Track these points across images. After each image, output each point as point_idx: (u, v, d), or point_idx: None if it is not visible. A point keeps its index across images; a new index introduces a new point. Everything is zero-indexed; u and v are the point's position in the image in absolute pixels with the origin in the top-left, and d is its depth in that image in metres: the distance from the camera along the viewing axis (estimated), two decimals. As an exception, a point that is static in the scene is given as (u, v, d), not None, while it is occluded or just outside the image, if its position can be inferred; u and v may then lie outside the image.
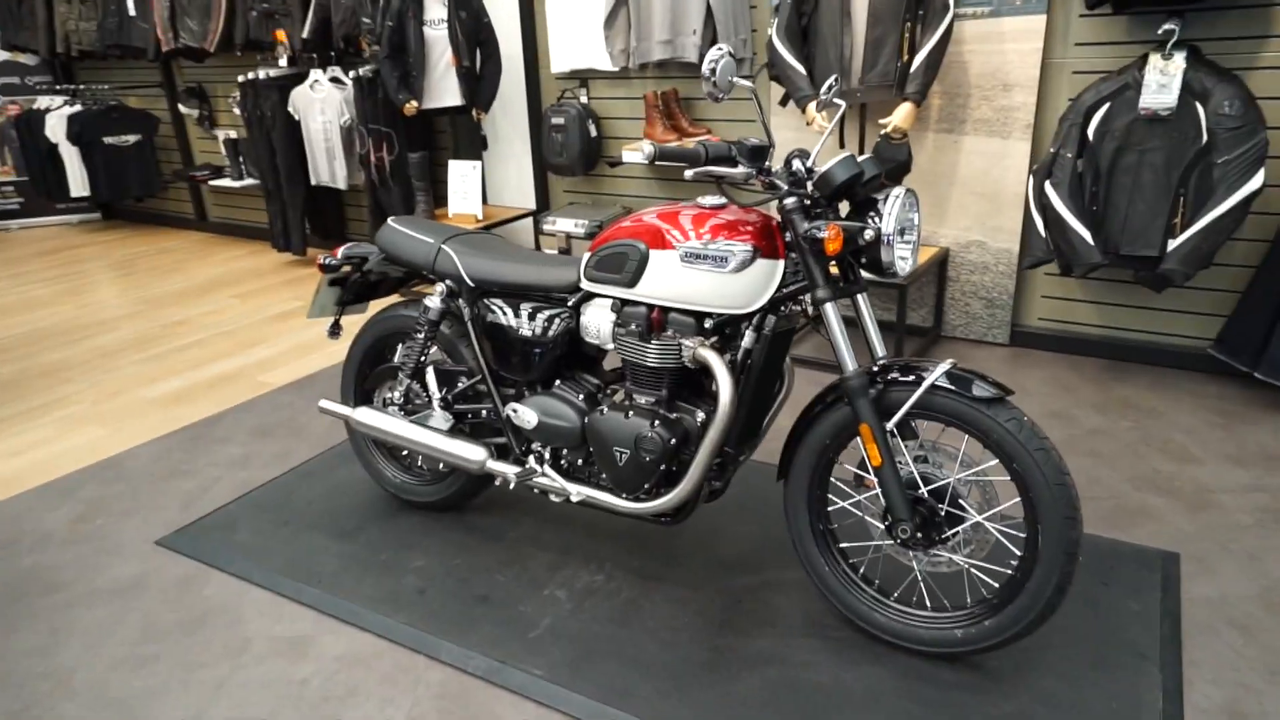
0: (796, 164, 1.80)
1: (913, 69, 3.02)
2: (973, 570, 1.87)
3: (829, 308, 1.77)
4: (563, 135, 4.19)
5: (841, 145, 3.56)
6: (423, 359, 2.29)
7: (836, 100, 2.04)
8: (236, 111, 5.40)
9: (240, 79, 5.03)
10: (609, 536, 2.34)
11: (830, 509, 1.92)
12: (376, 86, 4.53)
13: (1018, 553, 1.73)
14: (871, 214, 1.73)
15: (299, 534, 2.42)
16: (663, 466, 1.91)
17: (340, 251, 2.40)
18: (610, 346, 2.01)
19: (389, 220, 2.37)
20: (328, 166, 4.99)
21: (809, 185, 1.79)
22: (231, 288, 4.99)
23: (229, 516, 2.54)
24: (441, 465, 2.46)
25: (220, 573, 2.28)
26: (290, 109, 4.95)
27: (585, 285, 2.00)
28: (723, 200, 1.87)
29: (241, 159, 5.69)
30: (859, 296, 1.84)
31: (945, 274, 3.55)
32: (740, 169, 1.75)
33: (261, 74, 5.01)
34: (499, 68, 4.31)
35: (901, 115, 3.06)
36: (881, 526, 1.83)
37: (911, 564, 1.85)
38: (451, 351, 2.31)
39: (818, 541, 1.92)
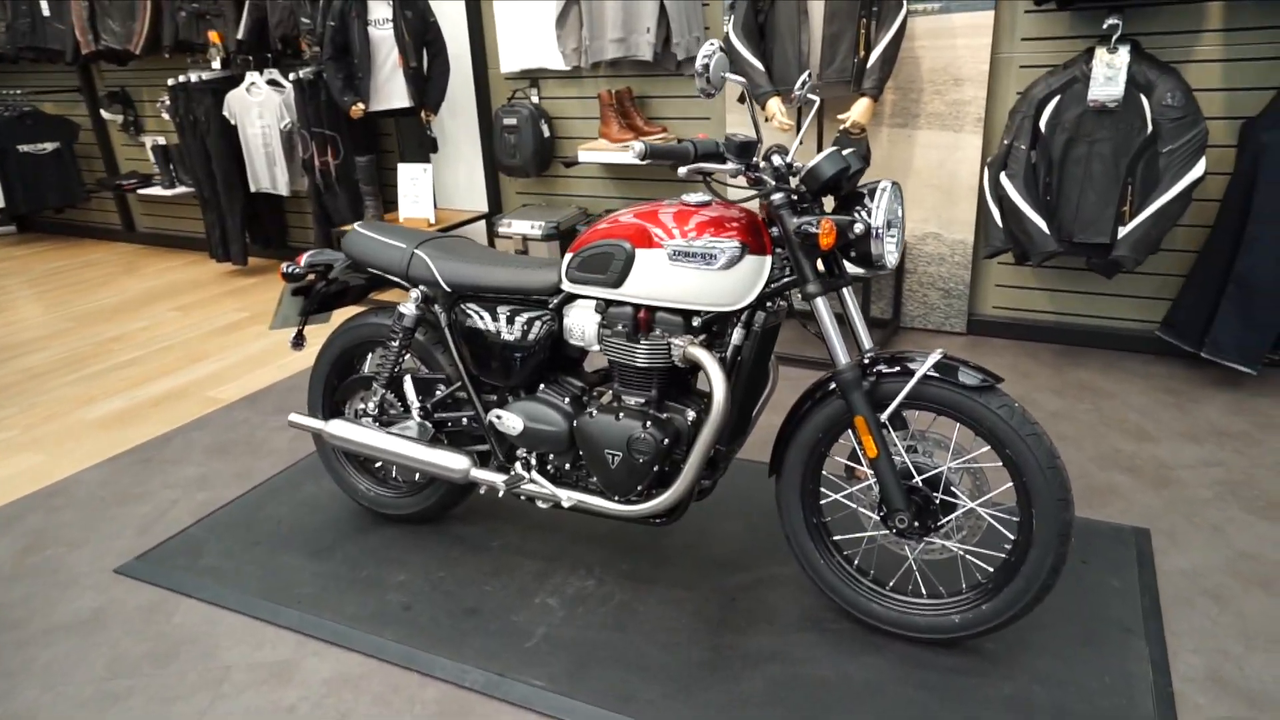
0: (776, 160, 1.80)
1: (869, 65, 3.06)
2: (967, 556, 1.90)
3: (819, 302, 1.78)
4: (515, 136, 4.13)
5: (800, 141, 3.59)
6: (397, 368, 2.22)
7: (811, 95, 2.05)
8: (165, 116, 5.19)
9: (170, 82, 4.83)
10: (595, 541, 2.31)
11: (823, 502, 1.93)
12: (319, 89, 4.39)
13: (1011, 536, 1.76)
14: (858, 208, 1.74)
15: (271, 554, 2.32)
16: (656, 467, 1.89)
17: (304, 259, 2.31)
18: (596, 348, 1.98)
19: (355, 225, 2.30)
20: (268, 172, 4.82)
21: (792, 180, 1.79)
22: (169, 301, 4.78)
23: (192, 540, 2.42)
24: (418, 476, 2.39)
25: (189, 599, 2.18)
26: (226, 113, 4.77)
27: (567, 287, 1.97)
28: (708, 197, 1.86)
29: (172, 166, 5.46)
30: (845, 290, 1.85)
31: (903, 266, 3.61)
32: (730, 165, 1.74)
33: (193, 77, 4.82)
34: (447, 68, 4.23)
35: (859, 110, 3.10)
36: (876, 517, 1.85)
37: (905, 553, 1.87)
38: (427, 359, 2.25)
39: (812, 535, 1.92)
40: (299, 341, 2.42)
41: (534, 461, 2.09)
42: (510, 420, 2.05)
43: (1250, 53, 2.93)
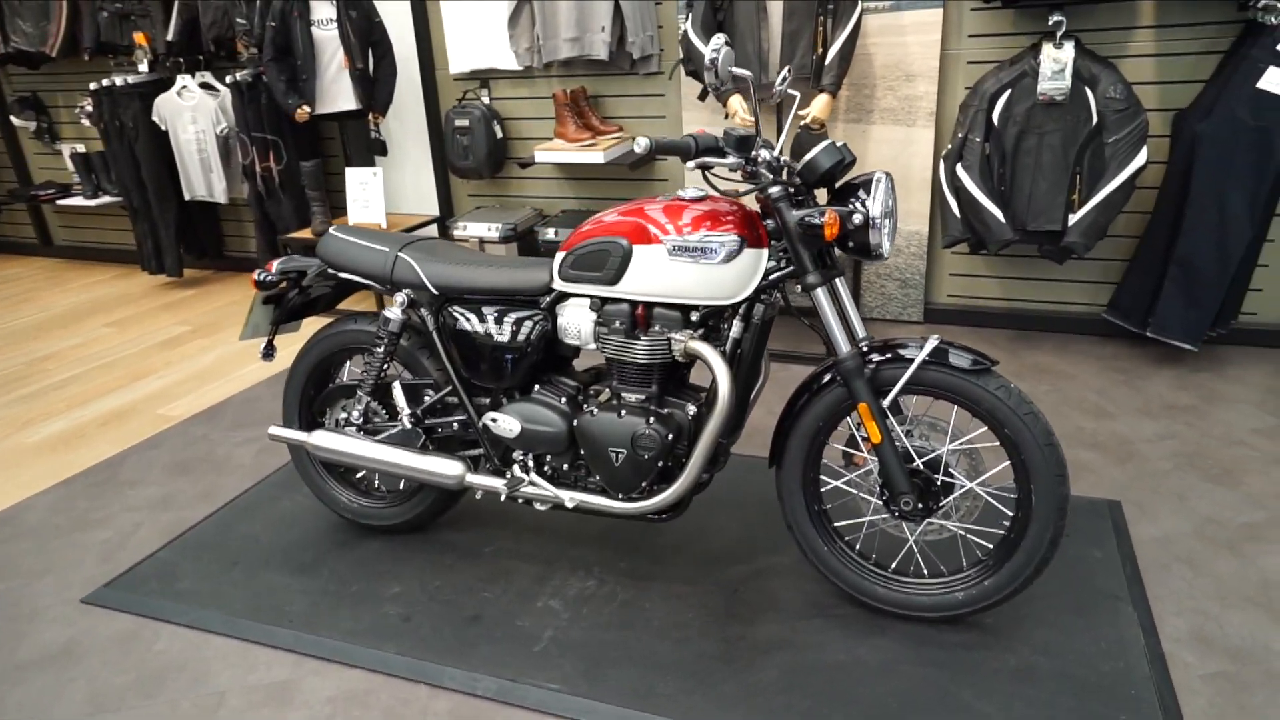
0: (765, 154, 1.82)
1: (827, 61, 3.12)
2: (967, 535, 1.96)
3: (820, 293, 1.81)
4: (468, 138, 4.07)
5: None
6: (382, 375, 2.17)
7: (791, 91, 2.08)
8: (86, 123, 4.93)
9: (93, 86, 4.59)
10: (590, 541, 2.30)
11: (823, 490, 1.96)
12: (259, 91, 4.25)
13: (1009, 513, 1.82)
14: (852, 199, 1.77)
15: (253, 574, 2.24)
16: (660, 463, 1.89)
17: (275, 266, 2.23)
18: (592, 346, 1.97)
19: (331, 229, 2.23)
20: (204, 179, 4.64)
21: (784, 173, 1.82)
22: (101, 316, 4.55)
23: (164, 564, 2.31)
24: (403, 484, 2.34)
25: (169, 625, 2.08)
26: (155, 118, 4.56)
27: (560, 286, 1.96)
28: (703, 192, 1.87)
29: (95, 174, 5.19)
30: (838, 281, 1.89)
31: (860, 258, 3.69)
32: (731, 159, 1.76)
33: (118, 80, 4.59)
34: (394, 69, 4.13)
35: (819, 107, 3.16)
36: (878, 501, 1.89)
37: (906, 535, 1.92)
38: (412, 365, 2.20)
39: (815, 523, 1.95)
40: (269, 352, 2.33)
41: (531, 463, 2.07)
42: (506, 423, 2.02)
43: (1179, 48, 3.10)
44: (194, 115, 4.52)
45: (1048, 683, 1.73)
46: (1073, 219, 3.02)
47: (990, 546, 1.87)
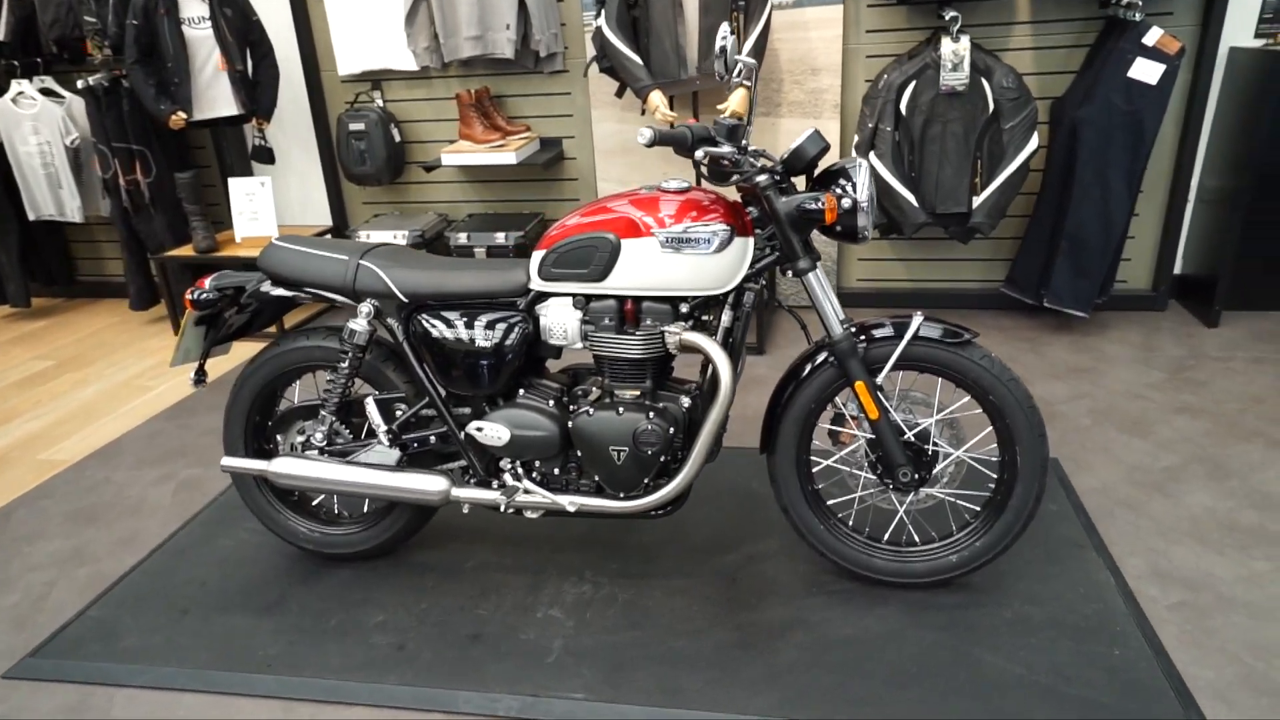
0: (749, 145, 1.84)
1: (743, 56, 3.19)
2: (958, 501, 2.06)
3: (811, 277, 1.85)
4: (364, 142, 3.88)
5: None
6: (347, 392, 2.03)
7: (746, 83, 2.12)
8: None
9: (-91, 96, 4.03)
10: (573, 546, 2.25)
11: (814, 470, 2.01)
12: (119, 97, 3.87)
13: (993, 476, 1.93)
14: (834, 185, 1.82)
15: (209, 621, 2.04)
16: (663, 458, 1.88)
17: (208, 283, 2.04)
18: (579, 346, 1.93)
19: (272, 241, 2.06)
20: (52, 197, 4.17)
21: (762, 161, 1.85)
22: (-62, 355, 4.01)
23: (98, 622, 2.07)
24: (367, 507, 2.20)
25: (123, 689, 1.86)
26: (-10, 130, 4.06)
27: (539, 286, 1.90)
28: (686, 183, 1.87)
29: (-88, 196, 4.55)
30: (818, 266, 1.94)
31: (774, 248, 3.80)
32: (727, 148, 1.77)
33: (-60, 89, 4.06)
34: (276, 70, 3.87)
35: (737, 100, 3.22)
36: (868, 477, 1.95)
37: (896, 507, 2.00)
38: (376, 379, 2.07)
39: (810, 504, 2.00)
40: (201, 378, 2.14)
41: (520, 471, 2.00)
42: (493, 431, 1.94)
43: (1052, 42, 3.39)
44: (35, 125, 4.06)
45: (1043, 630, 1.85)
46: (976, 201, 3.23)
47: (977, 509, 1.98)
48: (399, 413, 2.05)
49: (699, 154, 1.74)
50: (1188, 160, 3.39)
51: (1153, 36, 3.00)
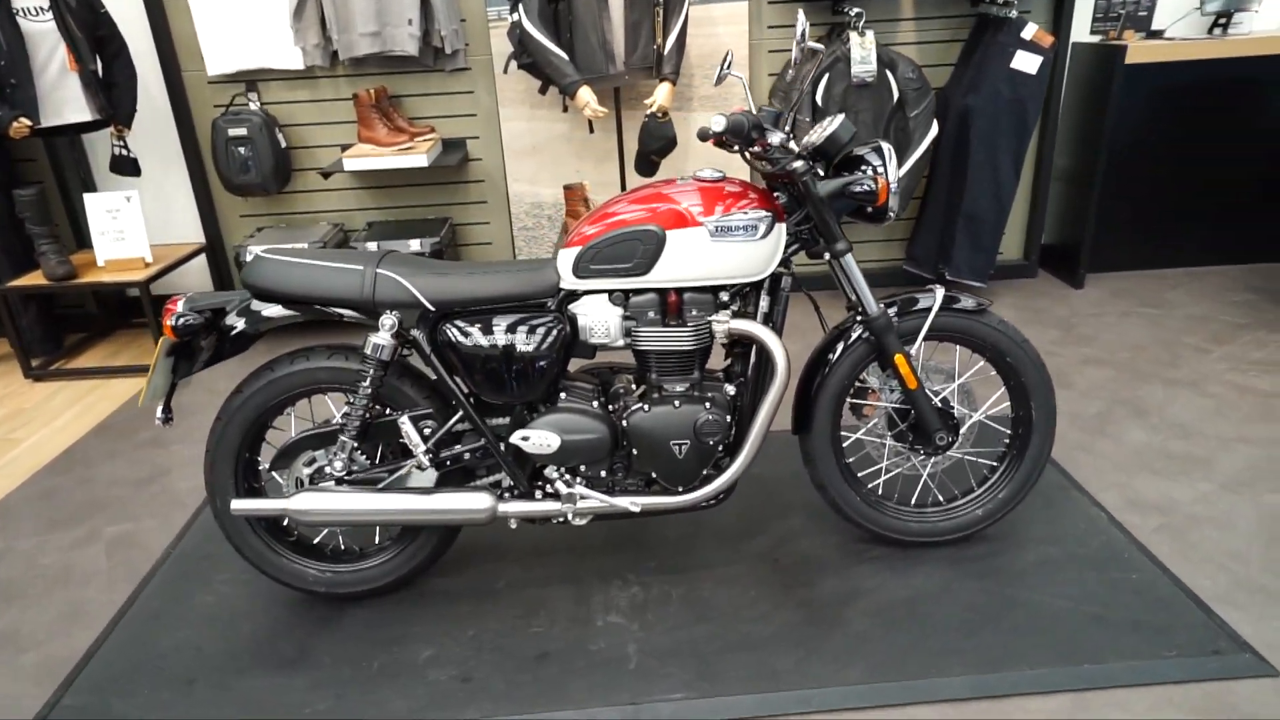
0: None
1: (666, 51, 3.23)
2: (978, 460, 2.20)
3: (850, 258, 1.92)
4: (247, 148, 3.53)
5: (592, 130, 3.64)
6: (369, 413, 1.86)
7: (736, 74, 2.16)
8: None
9: None
10: (598, 551, 2.18)
11: (844, 445, 2.09)
12: (-66, 104, 3.27)
13: (1006, 433, 2.09)
14: (862, 168, 1.90)
15: (227, 686, 1.80)
16: (721, 447, 1.88)
17: (181, 306, 1.80)
18: (620, 344, 1.88)
19: (258, 253, 1.85)
20: None
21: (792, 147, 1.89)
22: None
23: (81, 711, 1.76)
24: (378, 537, 2.03)
25: (146, 780, 1.60)
26: None
27: (573, 285, 1.84)
28: (720, 173, 1.87)
29: None
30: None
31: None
32: (779, 136, 1.79)
33: None
34: (133, 69, 3.44)
35: (664, 95, 3.25)
36: (895, 444, 2.05)
37: (920, 471, 2.11)
38: (393, 398, 1.91)
39: (845, 477, 2.07)
40: (169, 415, 1.89)
41: (567, 478, 1.92)
42: (541, 438, 1.85)
43: (932, 36, 3.69)
44: None
45: (1067, 566, 2.03)
46: (889, 185, 3.46)
47: (994, 464, 2.13)
48: (427, 430, 1.90)
49: (776, 139, 1.76)
50: (1049, 143, 3.82)
51: (1029, 31, 3.35)
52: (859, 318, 1.96)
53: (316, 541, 2.05)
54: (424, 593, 2.06)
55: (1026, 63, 3.36)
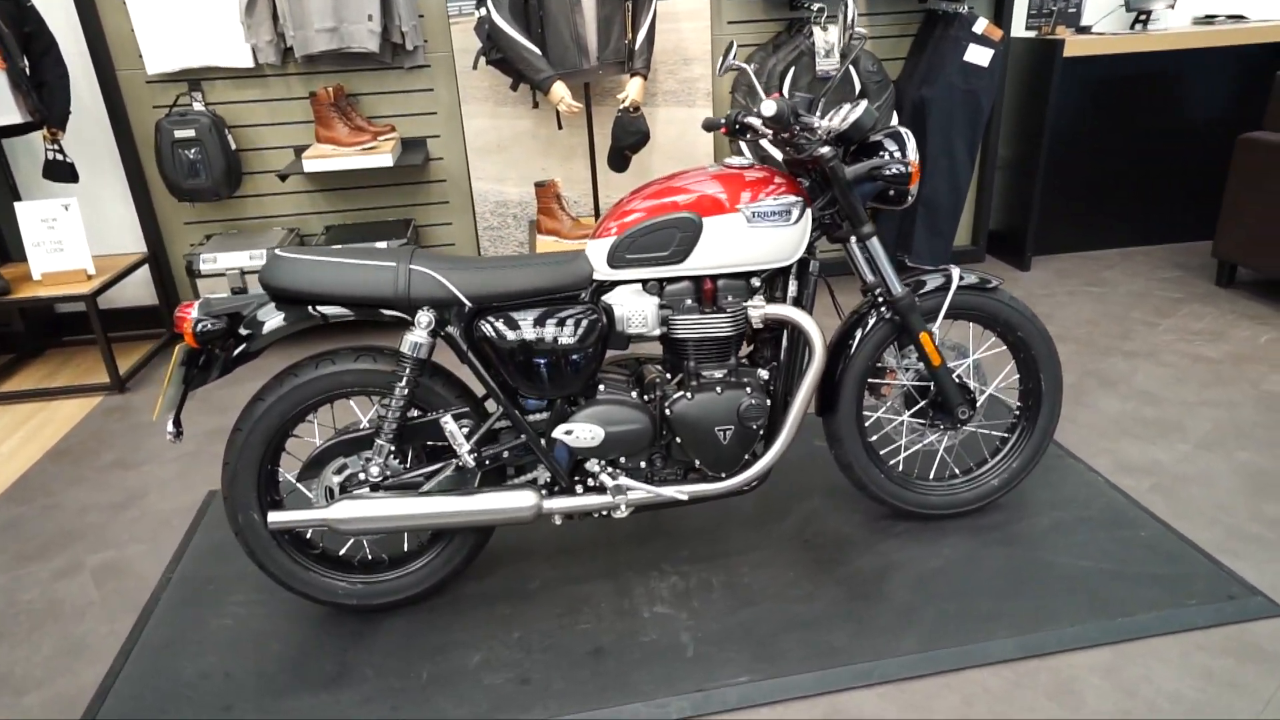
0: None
1: (636, 45, 3.23)
2: (991, 432, 2.28)
3: (875, 240, 1.96)
4: (196, 151, 3.35)
5: (560, 126, 3.61)
6: (406, 415, 1.79)
7: (744, 65, 2.18)
8: None
9: None
10: (627, 543, 2.17)
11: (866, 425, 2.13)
12: None
13: (1015, 405, 2.18)
14: (881, 153, 1.95)
15: (268, 709, 1.70)
16: (762, 430, 1.90)
17: (196, 311, 1.70)
18: (657, 333, 1.87)
19: (276, 253, 1.76)
20: None
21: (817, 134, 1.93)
22: None
23: (105, 750, 1.64)
24: (407, 544, 1.97)
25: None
26: None
27: (608, 275, 1.83)
28: (749, 160, 1.89)
29: None
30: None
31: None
32: (819, 121, 1.82)
33: None
34: (64, 68, 3.21)
35: (636, 90, 3.25)
36: (914, 420, 2.12)
37: (936, 446, 2.18)
38: (426, 398, 1.85)
39: (870, 456, 2.12)
40: (179, 429, 1.79)
41: (610, 470, 1.90)
42: (584, 432, 1.83)
43: (883, 31, 3.81)
44: None
45: (1080, 529, 2.13)
46: (854, 175, 3.55)
47: (1004, 435, 2.22)
48: (465, 429, 1.85)
49: (826, 124, 1.78)
50: (995, 134, 4.00)
51: (980, 26, 3.50)
52: (883, 299, 2.00)
53: (342, 553, 1.96)
54: (457, 598, 2.00)
55: (979, 55, 3.51)
